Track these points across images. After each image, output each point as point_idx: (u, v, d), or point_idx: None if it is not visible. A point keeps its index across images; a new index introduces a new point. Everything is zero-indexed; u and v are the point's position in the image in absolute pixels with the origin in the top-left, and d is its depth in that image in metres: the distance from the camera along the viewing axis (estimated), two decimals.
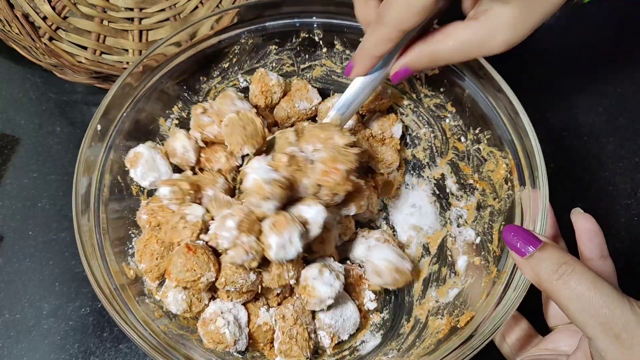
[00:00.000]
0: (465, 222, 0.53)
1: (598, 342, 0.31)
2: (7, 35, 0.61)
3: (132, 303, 0.43)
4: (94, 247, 0.44)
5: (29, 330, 0.53)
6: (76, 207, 0.44)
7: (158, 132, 0.54)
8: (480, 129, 0.51)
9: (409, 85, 0.56)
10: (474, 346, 0.39)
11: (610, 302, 0.31)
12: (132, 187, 0.51)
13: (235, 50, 0.55)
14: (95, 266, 0.43)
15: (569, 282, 0.32)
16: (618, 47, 0.75)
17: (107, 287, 0.42)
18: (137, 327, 0.41)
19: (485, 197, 0.51)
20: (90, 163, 0.47)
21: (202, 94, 0.57)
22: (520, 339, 0.46)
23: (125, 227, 0.49)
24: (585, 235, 0.42)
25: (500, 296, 0.41)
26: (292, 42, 0.56)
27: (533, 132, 0.45)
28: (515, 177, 0.46)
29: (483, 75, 0.48)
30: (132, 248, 0.49)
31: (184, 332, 0.45)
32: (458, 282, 0.49)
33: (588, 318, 0.31)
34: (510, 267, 0.42)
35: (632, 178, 0.64)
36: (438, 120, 0.55)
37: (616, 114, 0.69)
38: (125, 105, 0.49)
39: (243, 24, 0.53)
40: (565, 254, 0.34)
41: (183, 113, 0.56)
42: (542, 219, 0.42)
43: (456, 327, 0.44)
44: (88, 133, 0.47)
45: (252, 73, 0.57)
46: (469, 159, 0.53)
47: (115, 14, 0.60)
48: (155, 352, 0.39)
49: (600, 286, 0.32)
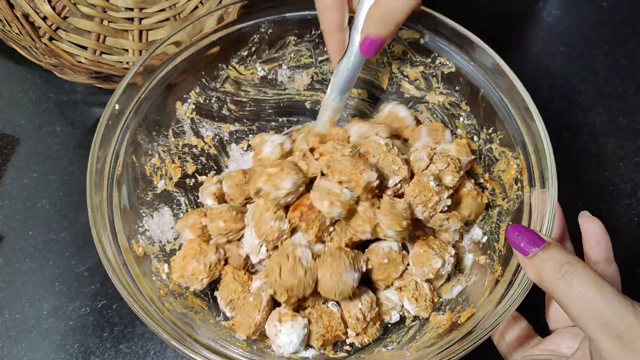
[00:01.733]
0: (473, 221, 0.53)
1: (599, 343, 0.31)
2: (7, 35, 0.61)
3: (140, 280, 0.43)
4: (104, 222, 0.44)
5: (29, 330, 0.53)
6: (90, 184, 0.44)
7: (175, 116, 0.55)
8: (494, 129, 0.51)
9: (425, 82, 0.56)
10: (473, 340, 0.39)
11: (612, 303, 0.31)
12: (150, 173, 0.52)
13: (254, 39, 0.55)
14: (105, 241, 0.43)
15: (571, 282, 0.32)
16: (618, 47, 0.75)
17: (116, 262, 0.42)
18: (143, 303, 0.41)
19: (495, 196, 0.51)
20: (106, 142, 0.47)
21: (220, 81, 0.57)
22: (519, 338, 0.46)
23: (137, 207, 0.50)
24: (593, 239, 0.42)
25: (502, 295, 0.41)
26: (312, 33, 0.56)
27: (546, 134, 0.45)
28: (526, 177, 0.46)
29: (499, 75, 0.48)
30: (142, 227, 0.49)
31: (187, 311, 0.45)
32: (462, 279, 0.50)
33: (590, 319, 0.31)
34: (514, 266, 0.42)
35: (632, 178, 0.64)
36: (452, 119, 0.55)
37: (616, 114, 0.69)
38: (143, 88, 0.50)
39: (262, 12, 0.54)
40: (568, 254, 0.34)
41: (200, 98, 0.56)
42: (549, 220, 0.42)
43: (457, 322, 0.44)
44: (106, 112, 0.47)
45: (270, 62, 0.57)
46: (481, 158, 0.53)
47: (115, 14, 0.60)
48: (158, 327, 0.40)
49: (602, 287, 0.32)
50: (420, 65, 0.55)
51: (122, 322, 0.53)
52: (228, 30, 0.53)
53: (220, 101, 0.58)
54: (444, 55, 0.53)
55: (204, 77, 0.56)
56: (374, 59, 0.57)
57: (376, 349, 0.47)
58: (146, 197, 0.51)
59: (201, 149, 0.58)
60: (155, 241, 0.50)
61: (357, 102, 0.62)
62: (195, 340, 0.41)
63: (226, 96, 0.58)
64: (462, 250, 0.52)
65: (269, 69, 0.59)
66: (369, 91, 0.60)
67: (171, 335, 0.39)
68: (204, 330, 0.44)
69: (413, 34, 0.53)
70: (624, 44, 0.76)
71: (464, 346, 0.39)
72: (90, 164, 0.45)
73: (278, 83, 0.60)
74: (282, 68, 0.59)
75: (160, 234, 0.51)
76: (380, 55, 0.57)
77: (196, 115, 0.57)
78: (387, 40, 0.46)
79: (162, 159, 0.54)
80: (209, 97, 0.57)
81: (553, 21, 0.77)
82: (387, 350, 0.47)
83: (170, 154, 0.54)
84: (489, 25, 0.76)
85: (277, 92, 0.60)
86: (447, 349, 0.40)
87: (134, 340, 0.53)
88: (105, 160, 0.46)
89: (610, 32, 0.77)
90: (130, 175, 0.49)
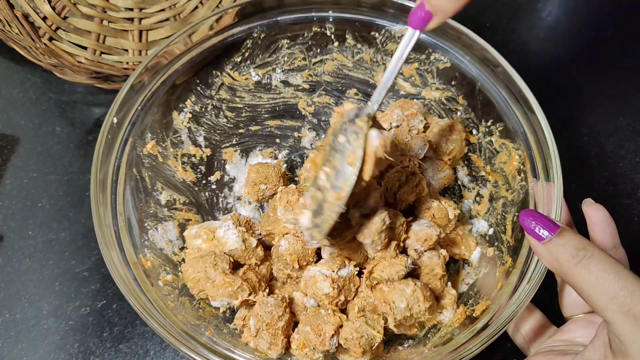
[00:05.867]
0: (477, 214, 0.53)
1: (617, 325, 0.32)
2: (7, 35, 0.61)
3: (151, 294, 0.43)
4: (111, 237, 0.44)
5: (29, 330, 0.53)
6: (95, 198, 0.44)
7: (172, 126, 0.55)
8: (493, 121, 0.51)
9: (420, 79, 0.56)
10: (489, 335, 0.39)
11: (629, 285, 0.31)
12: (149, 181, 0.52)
13: (247, 44, 0.55)
14: (115, 258, 0.43)
15: (589, 266, 0.32)
16: (618, 47, 0.75)
17: (127, 279, 0.42)
18: (158, 318, 0.41)
19: (498, 188, 0.51)
20: (106, 157, 0.47)
21: (215, 88, 0.57)
22: (534, 330, 0.46)
23: (142, 219, 0.50)
24: (598, 225, 0.42)
25: (516, 286, 0.42)
26: (304, 36, 0.56)
27: (546, 123, 0.45)
28: (528, 168, 0.47)
29: (495, 67, 0.49)
30: (148, 240, 0.49)
31: (201, 322, 0.45)
32: (472, 272, 0.50)
33: (607, 301, 0.32)
34: (524, 256, 0.42)
35: (632, 178, 0.64)
36: (449, 114, 0.56)
37: (616, 114, 0.69)
38: (139, 100, 0.50)
39: (255, 17, 0.54)
40: (583, 239, 0.34)
41: (196, 107, 0.56)
42: (557, 208, 0.42)
43: (472, 316, 0.44)
44: (105, 126, 0.47)
45: (264, 67, 0.58)
46: (481, 151, 0.53)
47: (115, 14, 0.60)
48: (176, 340, 0.40)
49: (619, 270, 0.32)
50: (414, 61, 0.55)
51: (122, 322, 0.53)
52: (221, 37, 0.53)
53: (216, 108, 0.58)
54: (438, 50, 0.53)
55: (198, 85, 0.56)
56: (368, 58, 0.58)
57: (392, 347, 0.47)
58: (149, 210, 0.51)
59: (200, 158, 0.58)
60: (162, 253, 0.50)
61: (352, 101, 0.62)
62: (212, 350, 0.41)
63: (222, 103, 0.58)
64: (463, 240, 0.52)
65: (263, 73, 0.59)
66: (364, 90, 0.61)
67: (191, 349, 0.40)
68: (219, 341, 0.44)
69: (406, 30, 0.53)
70: (624, 44, 0.76)
71: (482, 340, 0.39)
72: (92, 179, 0.45)
73: (272, 87, 0.60)
74: (276, 72, 0.59)
75: (166, 245, 0.51)
76: (374, 53, 0.57)
77: (193, 124, 0.57)
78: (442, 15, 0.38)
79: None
80: (205, 105, 0.57)
81: (553, 21, 0.77)
82: (404, 348, 0.47)
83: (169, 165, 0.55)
84: (489, 25, 0.76)
85: (272, 96, 0.60)
86: (464, 344, 0.40)
87: (133, 340, 0.53)
88: (107, 174, 0.46)
89: (610, 32, 0.77)
90: (133, 189, 0.49)
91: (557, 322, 0.46)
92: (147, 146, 0.52)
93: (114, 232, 0.45)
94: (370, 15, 0.54)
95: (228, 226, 0.50)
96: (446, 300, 0.47)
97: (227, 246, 0.49)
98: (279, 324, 0.44)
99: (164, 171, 0.54)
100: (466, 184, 0.56)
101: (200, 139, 0.58)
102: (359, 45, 0.57)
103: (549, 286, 0.42)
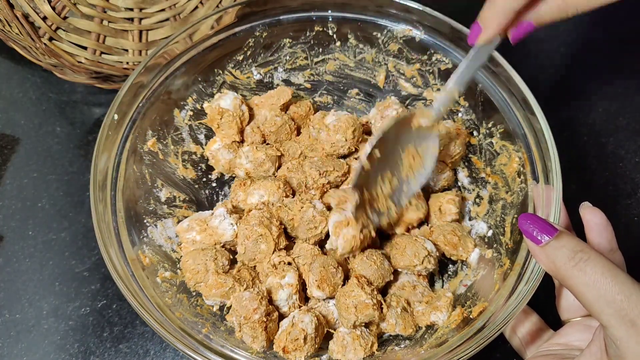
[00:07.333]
0: (477, 215, 0.53)
1: (613, 330, 0.31)
2: (7, 35, 0.61)
3: (149, 291, 0.43)
4: (110, 234, 0.44)
5: (29, 330, 0.53)
6: (94, 194, 0.44)
7: (173, 123, 0.55)
8: (493, 123, 0.51)
9: (421, 79, 0.57)
10: (485, 337, 0.39)
11: (626, 289, 0.31)
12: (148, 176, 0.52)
13: (250, 42, 0.55)
14: (113, 254, 0.43)
15: (585, 269, 0.32)
16: (618, 47, 0.75)
17: (125, 275, 0.42)
18: (155, 314, 0.41)
19: (498, 190, 0.51)
20: (106, 153, 0.47)
21: (217, 86, 0.57)
22: (531, 333, 0.46)
23: (141, 216, 0.50)
24: (595, 229, 0.42)
25: (513, 288, 0.42)
26: (306, 35, 0.57)
27: (547, 126, 0.45)
28: (528, 170, 0.47)
29: (496, 69, 0.49)
30: (147, 237, 0.49)
31: (198, 319, 0.46)
32: (470, 274, 0.50)
33: (604, 305, 0.31)
34: (523, 258, 0.42)
35: (632, 178, 0.64)
36: (450, 115, 0.56)
37: (616, 114, 0.69)
38: (141, 97, 0.50)
39: (257, 15, 0.54)
40: (580, 242, 0.34)
41: (197, 105, 0.56)
42: (556, 210, 0.42)
43: (468, 317, 0.44)
44: (105, 123, 0.47)
45: (265, 66, 0.58)
46: (481, 153, 0.53)
47: (115, 14, 0.60)
48: (173, 337, 0.40)
49: (616, 274, 0.32)
50: (416, 62, 0.56)
51: (122, 322, 0.53)
52: (223, 35, 0.54)
53: None
54: (440, 51, 0.53)
55: (200, 83, 0.56)
56: (370, 58, 0.58)
57: (389, 347, 0.48)
58: (149, 207, 0.51)
59: (200, 155, 0.58)
60: (160, 249, 0.50)
61: (354, 101, 0.62)
62: (209, 347, 0.41)
63: None
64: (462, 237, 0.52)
65: (265, 72, 0.59)
66: (365, 90, 0.61)
67: (187, 346, 0.40)
68: (216, 338, 0.44)
69: (408, 30, 0.53)
70: (624, 44, 0.76)
71: (478, 342, 0.39)
72: (92, 175, 0.45)
73: (274, 86, 0.60)
74: (277, 71, 0.59)
75: (165, 242, 0.51)
76: (376, 53, 0.57)
77: (194, 122, 0.57)
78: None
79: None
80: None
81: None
82: (400, 349, 0.47)
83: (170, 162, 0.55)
84: None
85: None
86: (460, 345, 0.40)
87: (133, 340, 0.53)
88: (107, 171, 0.46)
89: (610, 32, 0.77)
90: (133, 186, 0.49)
91: (554, 325, 0.46)
92: (147, 143, 0.52)
93: (113, 228, 0.45)
94: (372, 15, 0.55)
95: (223, 216, 0.50)
96: (441, 303, 0.47)
97: (225, 237, 0.49)
98: (254, 316, 0.44)
99: (165, 168, 0.54)
100: (466, 186, 0.56)
101: (201, 136, 0.58)
102: (361, 45, 0.57)
103: (546, 289, 0.42)
